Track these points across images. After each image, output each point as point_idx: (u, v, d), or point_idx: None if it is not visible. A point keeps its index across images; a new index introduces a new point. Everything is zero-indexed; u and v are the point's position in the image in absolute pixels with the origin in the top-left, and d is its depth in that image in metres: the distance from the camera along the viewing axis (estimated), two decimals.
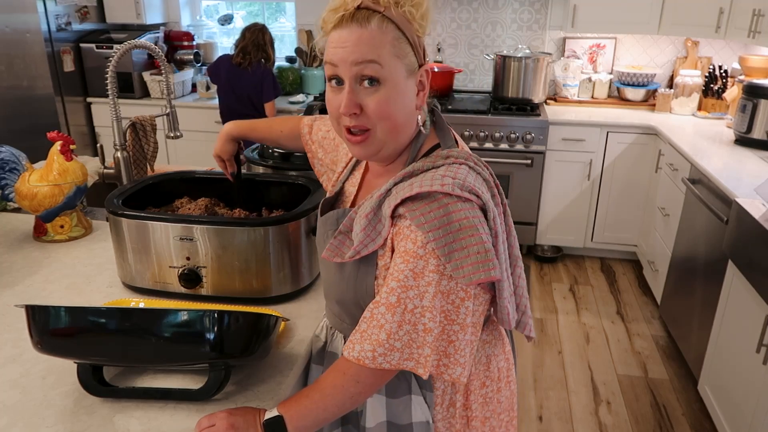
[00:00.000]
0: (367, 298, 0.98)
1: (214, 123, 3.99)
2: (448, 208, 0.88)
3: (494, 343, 1.10)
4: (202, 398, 1.03)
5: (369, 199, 0.96)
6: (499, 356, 1.11)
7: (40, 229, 1.67)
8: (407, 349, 0.90)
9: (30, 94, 3.75)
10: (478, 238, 0.87)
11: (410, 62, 0.92)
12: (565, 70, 3.95)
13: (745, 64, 3.44)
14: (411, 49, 0.91)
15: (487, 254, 0.88)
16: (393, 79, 0.90)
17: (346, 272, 1.00)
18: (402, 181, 0.93)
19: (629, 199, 3.64)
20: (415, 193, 0.89)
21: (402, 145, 0.98)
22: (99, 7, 4.13)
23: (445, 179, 0.89)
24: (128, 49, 1.68)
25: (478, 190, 0.90)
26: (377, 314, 0.91)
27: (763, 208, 2.11)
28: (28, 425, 0.98)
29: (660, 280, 3.17)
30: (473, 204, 0.90)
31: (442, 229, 0.87)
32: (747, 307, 2.09)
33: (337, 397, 0.94)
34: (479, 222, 0.89)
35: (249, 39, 3.50)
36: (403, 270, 0.89)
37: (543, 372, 2.77)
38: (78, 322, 0.96)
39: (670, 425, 2.44)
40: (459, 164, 0.93)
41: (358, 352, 0.91)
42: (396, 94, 0.91)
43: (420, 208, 0.89)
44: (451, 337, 0.91)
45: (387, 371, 0.93)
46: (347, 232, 0.99)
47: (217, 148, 1.42)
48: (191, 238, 1.27)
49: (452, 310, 0.90)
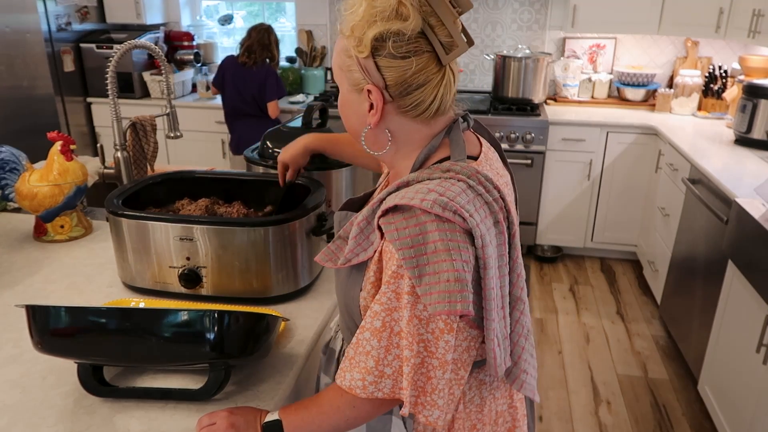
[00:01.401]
0: (353, 308, 0.96)
1: (215, 123, 3.99)
2: (425, 226, 0.81)
3: (494, 384, 1.00)
4: (202, 398, 1.03)
5: (366, 207, 0.92)
6: (499, 399, 1.02)
7: (40, 229, 1.67)
8: (400, 377, 0.85)
9: (30, 94, 3.75)
10: (449, 265, 0.79)
11: (353, 77, 0.88)
12: (565, 70, 3.95)
13: (745, 64, 3.44)
14: (354, 63, 0.87)
15: (456, 284, 0.79)
16: (341, 88, 0.93)
17: (340, 278, 0.99)
18: (396, 191, 0.88)
19: (629, 199, 3.65)
20: (395, 204, 0.83)
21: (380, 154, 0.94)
22: (99, 7, 4.13)
23: (430, 194, 0.81)
24: (128, 49, 1.68)
25: (466, 212, 0.81)
26: (362, 340, 0.86)
27: (763, 208, 2.11)
28: (28, 425, 0.98)
29: (660, 280, 3.17)
30: (455, 226, 0.81)
31: (415, 248, 0.81)
32: (747, 307, 2.09)
33: (332, 417, 0.92)
34: (456, 247, 0.80)
35: (255, 38, 3.51)
36: (386, 292, 0.84)
37: (543, 372, 2.77)
38: (78, 322, 0.96)
39: (670, 425, 2.44)
40: (456, 180, 0.85)
41: (349, 381, 0.87)
42: (343, 102, 0.94)
43: (396, 222, 0.83)
44: (429, 372, 0.84)
45: (384, 400, 0.89)
46: (345, 238, 0.96)
47: (288, 156, 1.38)
48: (191, 238, 1.27)
49: (431, 342, 0.83)
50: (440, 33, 0.84)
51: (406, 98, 0.87)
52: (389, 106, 0.88)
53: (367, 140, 0.93)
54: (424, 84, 0.86)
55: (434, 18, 0.83)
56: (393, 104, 0.88)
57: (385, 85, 0.86)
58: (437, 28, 0.84)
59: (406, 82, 0.85)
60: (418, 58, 0.84)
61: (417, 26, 0.82)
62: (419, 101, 0.87)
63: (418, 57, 0.84)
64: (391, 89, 0.86)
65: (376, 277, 0.90)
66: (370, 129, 0.91)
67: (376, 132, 0.91)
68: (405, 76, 0.84)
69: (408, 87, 0.85)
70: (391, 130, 0.91)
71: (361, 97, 0.89)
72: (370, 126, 0.90)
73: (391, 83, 0.85)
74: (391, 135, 0.91)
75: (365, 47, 0.84)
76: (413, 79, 0.85)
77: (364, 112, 0.90)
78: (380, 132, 0.91)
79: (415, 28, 0.82)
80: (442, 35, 0.84)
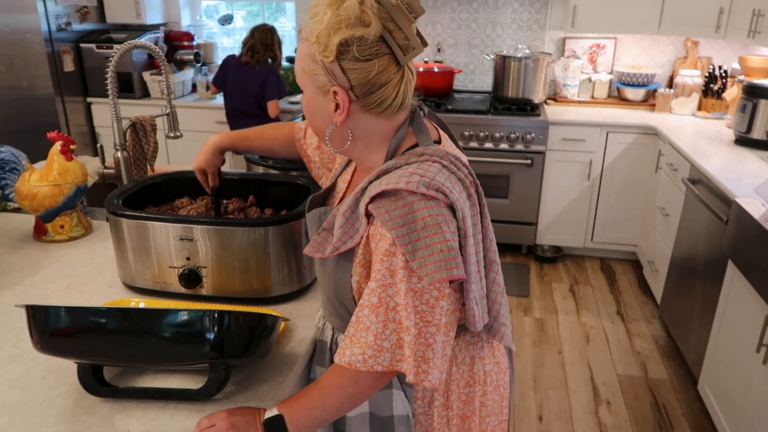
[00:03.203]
0: (345, 294, 1.02)
1: (215, 123, 3.99)
2: (413, 206, 0.89)
3: (480, 345, 1.09)
4: (202, 398, 1.03)
5: (349, 197, 0.98)
6: (486, 359, 1.10)
7: (40, 229, 1.67)
8: (398, 350, 0.91)
9: (30, 94, 3.75)
10: (441, 236, 0.88)
11: (318, 80, 0.94)
12: (565, 70, 3.95)
13: (745, 64, 3.44)
14: (319, 67, 0.93)
15: (449, 252, 0.88)
16: (305, 91, 0.99)
17: (327, 268, 1.04)
18: (376, 179, 0.95)
19: (629, 199, 3.65)
20: (382, 190, 0.91)
21: (346, 149, 1.01)
22: (99, 7, 4.13)
23: (413, 177, 0.90)
24: (128, 49, 1.68)
25: (446, 189, 0.91)
26: (362, 317, 0.92)
27: (763, 208, 2.11)
28: (28, 425, 0.98)
29: (660, 280, 3.17)
30: (439, 202, 0.90)
31: (407, 226, 0.88)
32: (747, 307, 2.09)
33: (336, 397, 0.95)
34: (444, 220, 0.89)
35: (258, 38, 3.51)
36: (380, 270, 0.91)
37: (543, 372, 2.77)
38: (78, 322, 0.96)
39: (670, 425, 2.44)
40: (432, 162, 0.94)
41: (348, 357, 0.92)
42: (308, 104, 1.00)
43: (385, 206, 0.90)
44: (428, 340, 0.91)
45: (384, 373, 0.94)
46: (330, 229, 1.02)
47: (201, 159, 1.36)
48: (191, 238, 1.27)
49: (427, 311, 0.91)
50: (398, 36, 0.91)
51: (370, 97, 0.94)
52: (354, 105, 0.95)
53: (330, 138, 1.00)
54: (386, 83, 0.93)
55: (392, 23, 0.91)
56: (358, 103, 0.95)
57: (350, 86, 0.93)
58: (395, 32, 0.91)
59: (369, 83, 0.92)
60: (379, 60, 0.91)
61: (377, 31, 0.89)
62: (382, 99, 0.94)
63: (380, 59, 0.91)
64: (355, 89, 0.93)
65: (365, 260, 0.97)
66: (335, 128, 0.98)
67: (341, 130, 0.98)
68: (369, 77, 0.92)
69: (372, 87, 0.93)
70: (356, 127, 0.98)
71: (327, 99, 0.95)
72: (335, 125, 0.97)
73: (355, 84, 0.92)
74: (352, 132, 0.99)
75: (331, 52, 0.90)
76: (376, 79, 0.92)
77: (329, 113, 0.96)
78: (342, 131, 0.99)
79: (376, 33, 0.89)
80: (399, 38, 0.91)
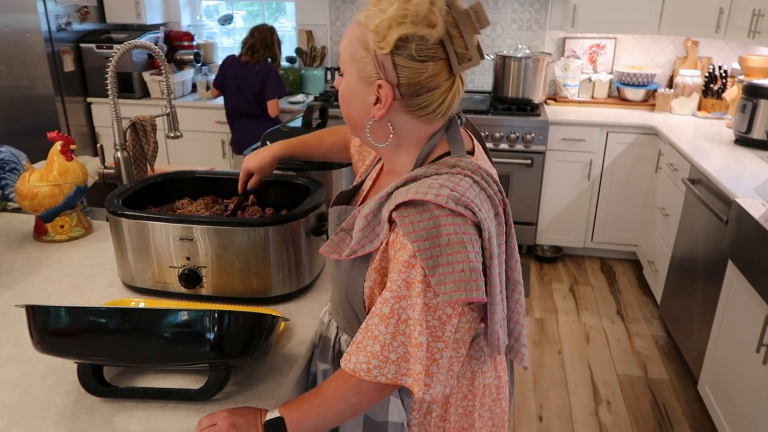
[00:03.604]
0: (356, 299, 0.99)
1: (215, 123, 3.99)
2: (438, 220, 0.85)
3: (483, 359, 1.07)
4: (202, 398, 1.03)
5: (372, 200, 0.95)
6: (487, 373, 1.08)
7: (40, 229, 1.67)
8: (404, 364, 0.89)
9: (30, 94, 3.75)
10: (464, 256, 0.85)
11: (365, 69, 0.90)
12: (565, 70, 3.95)
13: (745, 64, 3.44)
14: (369, 57, 0.89)
15: (471, 274, 0.85)
16: (347, 76, 0.95)
17: (341, 269, 1.02)
18: (403, 185, 0.92)
19: (629, 199, 3.65)
20: (409, 199, 0.87)
21: (382, 146, 0.97)
22: (99, 7, 4.13)
23: (443, 189, 0.86)
24: (128, 49, 1.68)
25: (475, 207, 0.87)
26: (371, 325, 0.90)
27: (763, 208, 2.11)
28: (28, 425, 0.98)
29: (660, 280, 3.17)
30: (466, 220, 0.87)
31: (430, 241, 0.85)
32: (747, 307, 2.09)
33: (337, 405, 0.94)
34: (469, 239, 0.86)
35: (258, 38, 3.51)
36: (397, 280, 0.88)
37: (543, 372, 2.77)
38: (78, 322, 0.96)
39: (670, 425, 2.44)
40: (463, 175, 0.90)
41: (354, 364, 0.90)
42: (348, 90, 0.95)
43: (410, 216, 0.87)
44: (435, 355, 0.89)
45: (387, 385, 0.92)
46: (348, 230, 0.99)
47: (255, 164, 1.36)
48: (191, 238, 1.27)
49: (438, 327, 0.88)
50: (457, 44, 0.88)
51: (416, 99, 0.90)
52: (396, 103, 0.91)
53: (372, 131, 0.96)
54: (435, 88, 0.89)
55: (455, 29, 0.87)
56: (401, 102, 0.91)
57: (398, 83, 0.89)
58: (456, 39, 0.87)
59: (418, 84, 0.89)
60: (434, 64, 0.87)
61: (441, 34, 0.86)
62: (427, 103, 0.91)
63: (435, 63, 0.87)
64: (402, 88, 0.89)
65: (382, 266, 0.94)
66: (375, 121, 0.93)
67: (380, 124, 0.94)
68: (419, 79, 0.88)
69: (419, 89, 0.89)
70: (393, 125, 0.94)
71: (369, 90, 0.91)
72: (374, 118, 0.93)
73: (404, 82, 0.89)
74: (393, 129, 0.94)
75: (387, 44, 0.86)
76: (426, 82, 0.88)
77: (368, 104, 0.93)
78: (383, 125, 0.94)
79: (439, 36, 0.86)
80: (458, 46, 0.88)
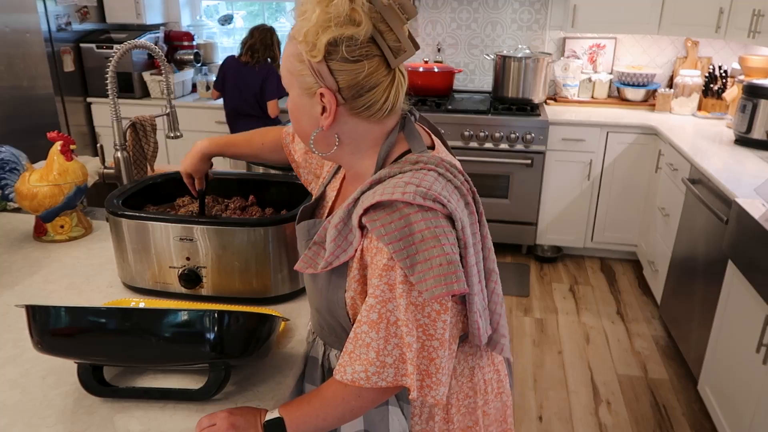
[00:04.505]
0: (339, 311, 0.98)
1: (215, 123, 3.99)
2: (409, 218, 0.85)
3: (479, 354, 1.06)
4: (202, 398, 1.03)
5: (340, 209, 0.94)
6: (485, 368, 1.08)
7: (40, 229, 1.67)
8: (402, 365, 0.88)
9: (30, 94, 3.75)
10: (440, 250, 0.84)
11: (304, 81, 0.90)
12: (565, 70, 3.95)
13: (745, 64, 3.44)
14: (305, 68, 0.89)
15: (449, 266, 0.84)
16: (291, 92, 0.95)
17: (319, 283, 1.00)
18: (369, 188, 0.91)
19: (629, 199, 3.65)
20: (376, 201, 0.86)
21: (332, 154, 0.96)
22: (99, 7, 4.13)
23: (408, 187, 0.86)
24: (128, 49, 1.68)
25: (444, 199, 0.87)
26: (360, 333, 0.89)
27: (763, 208, 2.11)
28: (28, 425, 0.98)
29: (660, 280, 3.17)
30: (437, 213, 0.86)
31: (404, 240, 0.84)
32: (747, 307, 2.09)
33: (337, 408, 0.93)
34: (443, 232, 0.86)
35: (258, 38, 3.51)
36: (379, 285, 0.87)
37: (543, 372, 2.77)
38: (78, 322, 0.96)
39: (670, 425, 2.44)
40: (427, 170, 0.90)
41: (351, 374, 0.89)
42: (293, 106, 0.96)
43: (381, 219, 0.86)
44: (431, 354, 0.88)
45: (387, 388, 0.91)
46: (321, 243, 0.98)
47: (188, 164, 1.34)
48: (191, 239, 1.27)
49: (429, 324, 0.88)
50: (389, 38, 0.87)
51: (359, 100, 0.90)
52: (342, 108, 0.91)
53: (316, 142, 0.96)
54: (376, 86, 0.89)
55: (383, 24, 0.87)
56: (346, 106, 0.90)
57: (338, 88, 0.88)
58: (386, 34, 0.87)
59: (358, 85, 0.88)
60: (369, 62, 0.87)
61: (368, 31, 0.85)
62: (371, 102, 0.90)
63: (369, 60, 0.87)
64: (343, 92, 0.89)
65: (360, 275, 0.93)
66: (321, 131, 0.93)
67: (327, 134, 0.94)
68: (357, 79, 0.88)
69: (360, 89, 0.89)
70: (344, 131, 0.93)
71: (313, 101, 0.91)
72: (321, 128, 0.92)
73: (343, 86, 0.88)
74: (339, 137, 0.94)
75: (318, 51, 0.86)
76: (365, 81, 0.88)
77: (316, 116, 0.92)
78: (329, 135, 0.94)
79: (366, 33, 0.85)
80: (390, 40, 0.87)
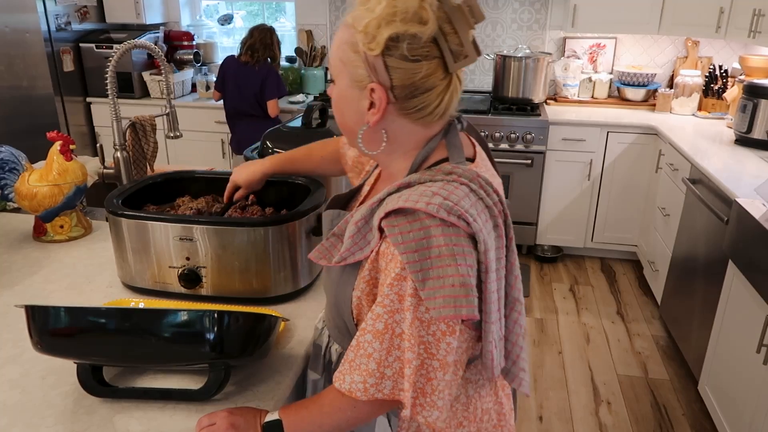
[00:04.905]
0: (344, 308, 0.96)
1: (215, 123, 3.99)
2: (429, 231, 0.81)
3: (481, 383, 1.00)
4: (202, 398, 1.03)
5: (364, 206, 0.91)
6: (485, 398, 1.01)
7: (39, 229, 1.67)
8: (400, 379, 0.86)
9: (30, 94, 3.75)
10: (455, 270, 0.79)
11: (356, 73, 0.86)
12: (565, 70, 3.95)
13: (746, 64, 3.44)
14: (360, 59, 0.85)
15: (461, 288, 0.79)
16: (338, 82, 0.91)
17: (332, 276, 0.99)
18: (396, 191, 0.87)
19: (629, 199, 3.64)
20: (399, 207, 0.82)
21: (375, 153, 0.93)
22: (99, 7, 4.13)
23: (435, 198, 0.81)
24: (128, 49, 1.68)
25: (469, 217, 0.81)
26: (363, 343, 0.86)
27: (763, 208, 2.11)
28: (28, 425, 0.98)
29: (660, 280, 3.17)
30: (459, 230, 0.81)
31: (419, 252, 0.80)
32: (747, 307, 2.09)
33: (333, 417, 0.92)
34: (461, 252, 0.81)
35: (257, 37, 3.51)
36: (389, 294, 0.84)
37: (543, 372, 2.77)
38: (78, 322, 0.96)
39: (670, 425, 2.44)
40: (459, 183, 0.85)
41: (348, 384, 0.87)
42: (339, 97, 0.92)
43: (400, 225, 0.82)
44: (429, 374, 0.84)
45: (384, 401, 0.88)
46: (340, 236, 0.95)
47: (243, 179, 1.34)
48: (191, 238, 1.27)
49: (432, 343, 0.83)
50: (452, 41, 0.83)
51: (411, 101, 0.86)
52: (391, 107, 0.87)
53: (364, 138, 0.92)
54: (431, 89, 0.85)
55: (448, 25, 0.83)
56: (395, 105, 0.87)
57: (392, 85, 0.85)
58: (449, 36, 0.83)
59: (413, 85, 0.84)
60: (428, 63, 0.83)
61: (433, 31, 0.81)
62: (423, 105, 0.86)
63: (429, 62, 0.83)
64: (396, 90, 0.85)
65: (371, 276, 0.90)
66: (368, 128, 0.89)
67: (374, 130, 0.90)
68: (413, 79, 0.84)
69: (414, 90, 0.85)
70: (388, 130, 0.90)
71: (362, 95, 0.87)
72: (368, 124, 0.89)
73: (397, 84, 0.84)
74: (387, 135, 0.90)
75: (377, 45, 0.82)
76: (421, 83, 0.84)
77: (362, 110, 0.88)
78: (377, 132, 0.90)
79: (431, 33, 0.81)
80: (453, 43, 0.83)
